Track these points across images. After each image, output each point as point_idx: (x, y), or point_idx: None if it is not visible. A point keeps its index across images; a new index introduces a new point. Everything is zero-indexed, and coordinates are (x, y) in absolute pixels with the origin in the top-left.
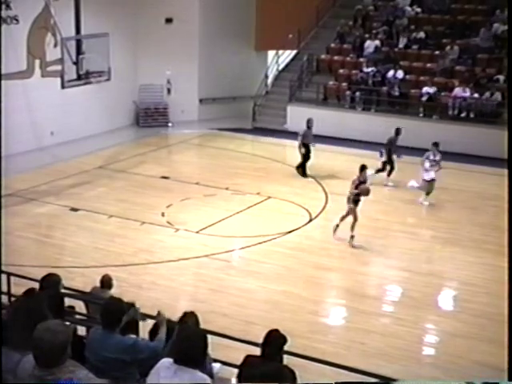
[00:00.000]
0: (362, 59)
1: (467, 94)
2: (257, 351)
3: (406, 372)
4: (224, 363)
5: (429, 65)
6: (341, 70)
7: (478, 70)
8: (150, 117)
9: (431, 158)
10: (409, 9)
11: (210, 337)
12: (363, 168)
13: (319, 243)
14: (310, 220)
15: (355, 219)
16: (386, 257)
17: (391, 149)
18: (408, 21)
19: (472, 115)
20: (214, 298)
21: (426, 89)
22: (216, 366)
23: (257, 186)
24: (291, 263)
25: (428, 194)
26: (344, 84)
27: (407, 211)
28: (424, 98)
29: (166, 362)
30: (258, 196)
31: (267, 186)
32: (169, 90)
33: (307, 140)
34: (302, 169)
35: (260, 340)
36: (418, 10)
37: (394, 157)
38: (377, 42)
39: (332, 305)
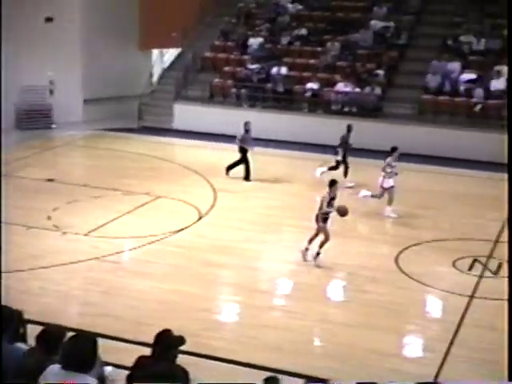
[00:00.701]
0: (246, 56)
1: (349, 88)
2: (150, 352)
3: (299, 364)
4: (116, 366)
5: (311, 61)
6: (226, 68)
7: (359, 65)
8: (33, 119)
9: (393, 164)
10: (290, 6)
11: (101, 340)
12: (333, 183)
13: (210, 240)
14: (200, 218)
15: (326, 238)
16: (276, 251)
17: (346, 147)
18: (290, 18)
19: (354, 109)
20: (105, 300)
21: (309, 84)
22: (108, 369)
23: (146, 185)
24: (182, 262)
25: (390, 203)
26: (229, 81)
27: (294, 205)
28: (308, 94)
29: (54, 368)
30: (147, 196)
31: (156, 186)
32: (51, 91)
33: (245, 144)
34: (229, 169)
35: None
36: (300, 7)
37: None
38: (260, 39)
39: (224, 301)
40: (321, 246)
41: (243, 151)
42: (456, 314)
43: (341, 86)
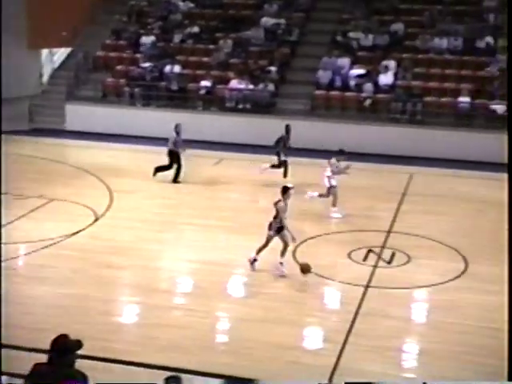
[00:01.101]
0: (138, 55)
1: (243, 85)
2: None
3: (201, 362)
4: (11, 375)
5: (204, 59)
6: (118, 67)
7: (251, 62)
8: None
9: (337, 164)
10: (182, 4)
11: None
12: (286, 190)
13: (107, 242)
14: (96, 220)
15: (265, 246)
16: (175, 250)
17: (283, 147)
18: (182, 16)
19: (248, 106)
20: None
21: (203, 82)
22: (3, 378)
23: (38, 188)
24: (79, 265)
25: (335, 203)
26: (122, 80)
27: (191, 203)
28: (202, 92)
29: None
30: (40, 199)
31: (49, 189)
32: None
33: (177, 146)
34: (156, 171)
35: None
36: (191, 5)
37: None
38: (152, 38)
39: (124, 303)
40: (282, 253)
41: (172, 154)
42: (353, 304)
43: (234, 83)
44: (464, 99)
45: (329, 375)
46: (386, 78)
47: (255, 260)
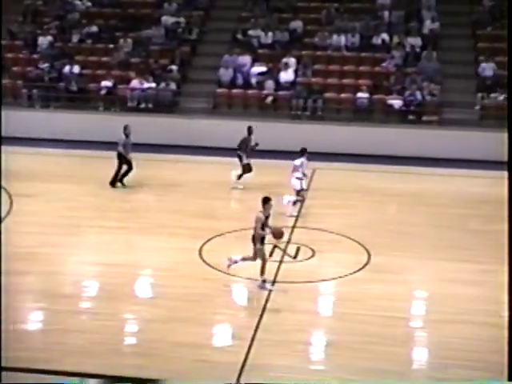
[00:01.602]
0: (36, 55)
1: (144, 85)
2: None
3: (108, 365)
4: None
5: (104, 58)
6: (15, 68)
7: (152, 61)
8: None
9: (304, 165)
10: (79, 3)
11: None
12: (267, 200)
13: (8, 248)
14: None
15: (264, 261)
16: (78, 253)
17: (246, 150)
18: (80, 15)
19: (150, 105)
20: None
21: (104, 82)
22: None
23: None
24: None
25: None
26: (19, 82)
27: (93, 205)
28: (103, 92)
29: None
30: None
31: None
32: None
33: (127, 149)
34: (115, 178)
35: None
36: (89, 3)
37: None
38: (50, 38)
39: (28, 310)
40: (262, 272)
41: (121, 157)
42: (260, 300)
43: (136, 83)
44: (362, 95)
45: (237, 372)
46: (286, 75)
47: (264, 281)
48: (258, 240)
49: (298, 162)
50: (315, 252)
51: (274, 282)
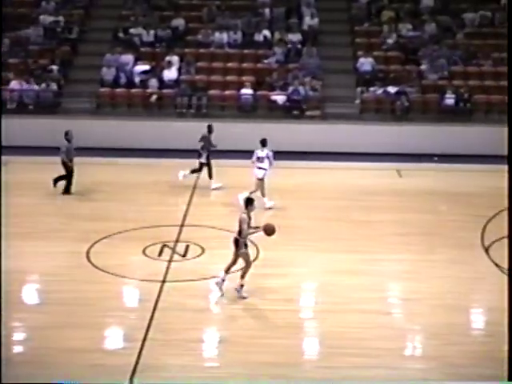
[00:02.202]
0: None
1: (24, 86)
2: None
3: None
4: None
5: None
6: None
7: (31, 61)
8: None
9: (259, 155)
10: None
11: None
12: (250, 202)
13: None
14: None
15: (248, 265)
16: None
17: (209, 148)
18: None
19: (31, 107)
20: None
21: None
22: None
23: None
24: None
25: (263, 194)
26: None
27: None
28: None
29: None
30: None
31: None
32: None
33: (69, 155)
34: (67, 186)
35: None
36: None
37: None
38: None
39: None
40: (242, 276)
41: (65, 164)
42: (150, 301)
43: (15, 84)
44: (246, 91)
45: (130, 374)
46: (170, 73)
47: (242, 286)
48: (243, 244)
49: (263, 152)
50: (205, 249)
51: (163, 281)
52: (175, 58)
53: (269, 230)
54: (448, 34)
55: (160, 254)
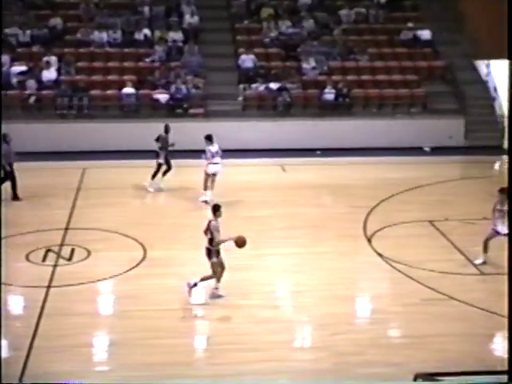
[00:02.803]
0: None
1: None
2: None
3: None
4: None
5: None
6: None
7: None
8: None
9: (212, 150)
10: None
11: None
12: (218, 208)
13: None
14: None
15: (222, 272)
16: None
17: (166, 148)
18: None
19: None
20: None
21: None
22: None
23: None
24: None
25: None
26: None
27: None
28: None
29: None
30: None
31: None
32: None
33: (8, 158)
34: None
35: None
36: None
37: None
38: None
39: None
40: (203, 279)
41: (3, 167)
42: (36, 307)
43: None
44: (128, 91)
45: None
46: (49, 74)
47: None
48: (215, 253)
49: (214, 148)
50: (90, 252)
51: (49, 287)
52: (53, 59)
53: (239, 242)
54: (326, 30)
55: (44, 259)
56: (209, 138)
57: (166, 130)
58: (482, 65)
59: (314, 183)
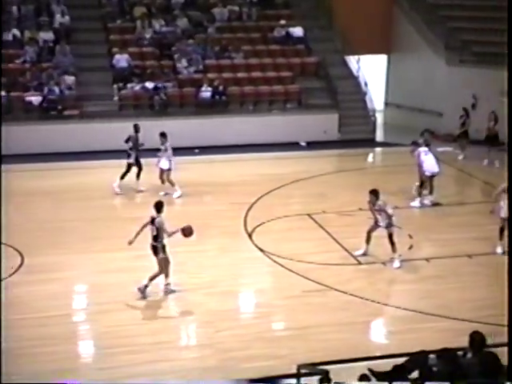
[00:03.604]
0: None
1: None
2: None
3: None
4: None
5: None
6: None
7: None
8: None
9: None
10: None
11: None
12: (162, 205)
13: None
14: None
15: (165, 270)
16: None
17: (137, 148)
18: None
19: None
20: None
21: None
22: None
23: None
24: None
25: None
26: None
27: None
28: None
29: None
30: None
31: None
32: None
33: None
34: None
35: None
36: None
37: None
38: None
39: None
40: (152, 278)
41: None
42: None
43: None
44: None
45: None
46: None
47: (146, 286)
48: (161, 249)
49: (167, 144)
50: None
51: None
52: None
53: (187, 232)
54: (200, 28)
55: None
56: (163, 135)
57: (136, 129)
58: (352, 60)
59: (193, 182)
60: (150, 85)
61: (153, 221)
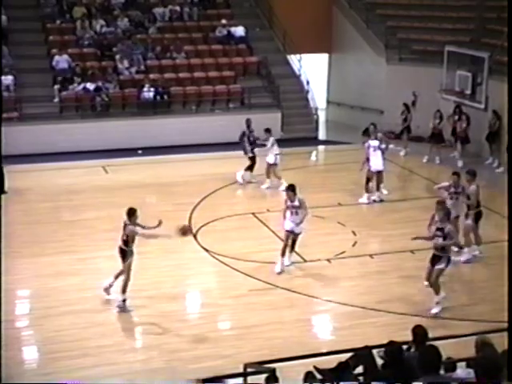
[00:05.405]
0: None
1: None
2: None
3: None
4: None
5: None
6: None
7: None
8: None
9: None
10: None
11: None
12: (133, 212)
13: None
14: None
15: (128, 278)
16: None
17: (252, 142)
18: None
19: None
20: None
21: None
22: None
23: None
24: None
25: None
26: None
27: None
28: None
29: None
30: None
31: None
32: None
33: None
34: None
35: None
36: None
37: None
38: None
39: None
40: (124, 290)
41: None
42: None
43: None
44: None
45: None
46: None
47: (111, 286)
48: (129, 253)
49: (272, 139)
50: None
51: None
52: None
53: (184, 231)
54: (141, 29)
55: None
56: (268, 131)
57: (248, 124)
58: (294, 60)
59: (137, 183)
60: (91, 86)
61: (125, 226)
